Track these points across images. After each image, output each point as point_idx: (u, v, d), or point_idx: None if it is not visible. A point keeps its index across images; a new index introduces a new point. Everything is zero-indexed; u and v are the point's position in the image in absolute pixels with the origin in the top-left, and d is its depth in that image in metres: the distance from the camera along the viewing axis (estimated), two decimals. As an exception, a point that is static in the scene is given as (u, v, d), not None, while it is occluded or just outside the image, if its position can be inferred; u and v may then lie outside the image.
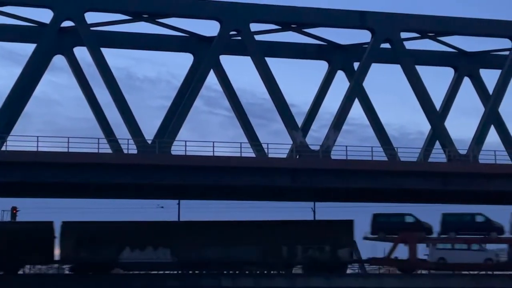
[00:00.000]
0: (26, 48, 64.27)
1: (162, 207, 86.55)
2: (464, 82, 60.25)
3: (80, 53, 53.75)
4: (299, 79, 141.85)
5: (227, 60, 54.70)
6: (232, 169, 50.31)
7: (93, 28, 52.21)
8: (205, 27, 55.03)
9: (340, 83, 57.59)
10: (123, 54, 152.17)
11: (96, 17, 52.32)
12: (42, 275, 58.44)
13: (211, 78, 53.72)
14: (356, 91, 54.14)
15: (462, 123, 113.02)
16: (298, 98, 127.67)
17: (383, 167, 52.47)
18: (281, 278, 56.29)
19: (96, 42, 51.06)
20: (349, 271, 60.57)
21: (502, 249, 60.73)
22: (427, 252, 58.89)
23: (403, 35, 55.47)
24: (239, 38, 53.41)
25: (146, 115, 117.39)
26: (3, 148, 48.52)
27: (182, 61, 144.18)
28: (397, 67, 55.33)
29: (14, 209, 74.45)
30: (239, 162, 50.51)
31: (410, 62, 55.03)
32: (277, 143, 54.32)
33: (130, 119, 50.48)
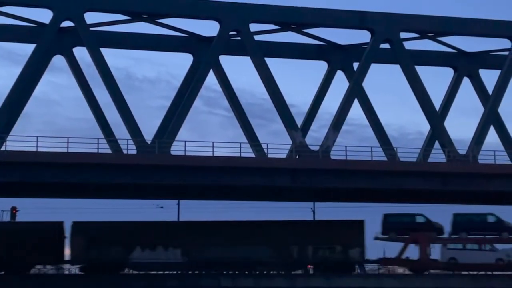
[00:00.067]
0: (26, 48, 64.40)
1: (162, 207, 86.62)
2: (464, 82, 60.24)
3: (80, 53, 53.89)
4: (298, 79, 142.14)
5: (226, 60, 54.78)
6: (232, 169, 50.25)
7: (92, 28, 52.14)
8: (204, 27, 55.11)
9: (340, 83, 57.65)
10: (122, 54, 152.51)
11: (96, 17, 52.39)
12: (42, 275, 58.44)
13: (211, 78, 53.77)
14: (356, 91, 54.09)
15: (462, 123, 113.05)
16: (298, 98, 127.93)
17: (383, 167, 52.43)
18: (281, 278, 56.29)
19: (96, 42, 51.01)
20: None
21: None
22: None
23: (403, 35, 55.40)
24: (239, 38, 53.34)
25: (145, 115, 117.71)
26: (3, 148, 48.42)
27: (182, 61, 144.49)
28: (396, 67, 55.29)
29: (14, 209, 74.57)
30: (239, 162, 50.45)
31: (409, 62, 54.95)
32: (276, 143, 54.47)
33: (129, 119, 50.41)
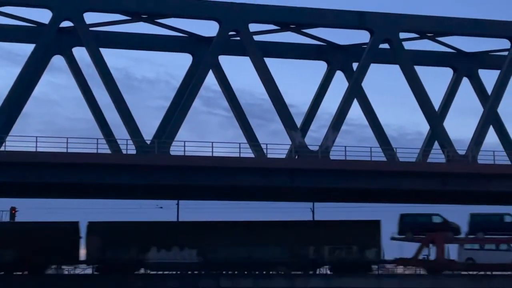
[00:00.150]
0: (25, 48, 64.52)
1: (161, 207, 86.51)
2: (463, 83, 60.29)
3: (79, 53, 53.96)
4: (298, 80, 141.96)
5: (226, 61, 54.82)
6: (231, 169, 50.28)
7: (92, 29, 52.19)
8: (204, 27, 55.13)
9: (339, 83, 57.70)
10: (122, 54, 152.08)
11: (95, 17, 52.47)
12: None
13: (210, 79, 53.84)
14: (355, 92, 54.11)
15: (461, 124, 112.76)
16: (297, 98, 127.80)
17: (382, 168, 52.46)
18: (281, 278, 56.26)
19: (95, 43, 51.02)
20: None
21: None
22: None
23: (402, 35, 55.43)
24: (238, 39, 53.36)
25: (145, 115, 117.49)
26: (2, 149, 48.46)
27: (181, 61, 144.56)
28: (396, 68, 55.30)
29: (13, 209, 74.46)
30: (238, 163, 50.49)
31: (409, 63, 54.97)
32: (276, 143, 54.63)
33: (129, 120, 50.41)
